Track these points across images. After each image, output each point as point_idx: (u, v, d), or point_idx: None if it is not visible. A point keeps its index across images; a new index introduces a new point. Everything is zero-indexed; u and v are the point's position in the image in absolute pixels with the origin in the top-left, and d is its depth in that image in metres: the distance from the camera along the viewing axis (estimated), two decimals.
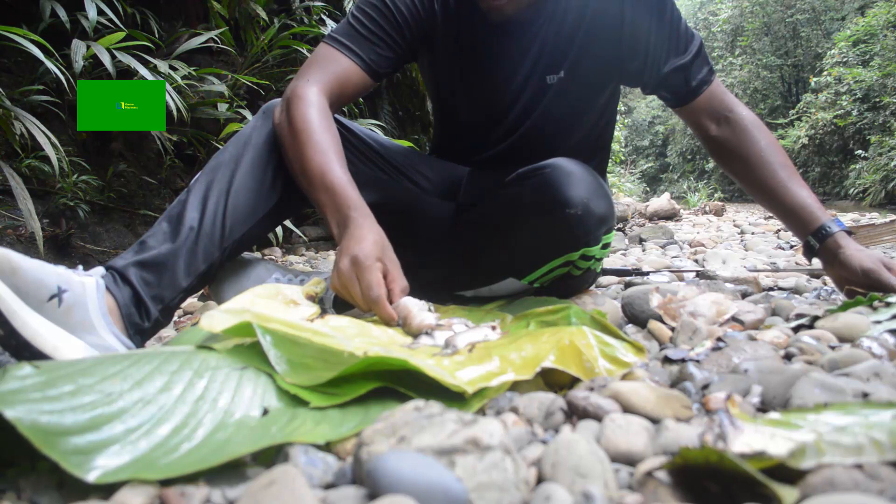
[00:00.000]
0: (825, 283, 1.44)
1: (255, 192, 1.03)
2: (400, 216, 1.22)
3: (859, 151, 11.48)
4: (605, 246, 1.10)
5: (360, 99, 2.98)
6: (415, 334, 0.86)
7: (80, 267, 0.85)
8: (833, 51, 13.38)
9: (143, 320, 0.88)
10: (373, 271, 0.87)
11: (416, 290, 1.11)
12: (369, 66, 1.10)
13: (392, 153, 1.24)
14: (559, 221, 0.94)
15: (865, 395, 0.56)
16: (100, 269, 0.87)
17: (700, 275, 1.55)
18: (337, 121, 1.18)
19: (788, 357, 0.77)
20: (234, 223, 0.99)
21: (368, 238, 0.90)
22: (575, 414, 0.61)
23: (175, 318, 1.44)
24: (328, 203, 0.95)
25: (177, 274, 0.92)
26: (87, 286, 0.81)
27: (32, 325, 0.70)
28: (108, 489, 0.46)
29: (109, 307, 0.84)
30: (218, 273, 1.08)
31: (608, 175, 2.19)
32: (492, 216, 1.03)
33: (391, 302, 0.89)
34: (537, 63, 1.13)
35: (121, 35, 1.73)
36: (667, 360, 0.76)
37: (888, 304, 0.92)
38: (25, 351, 0.68)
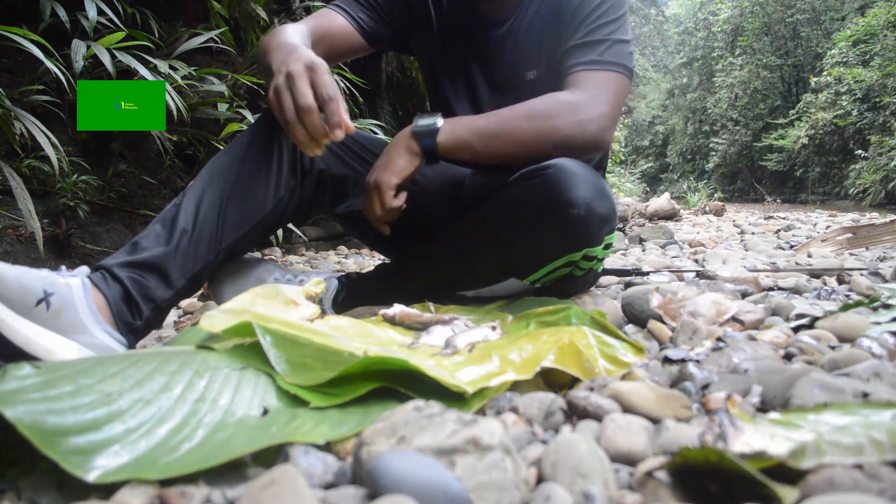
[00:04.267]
0: (825, 283, 1.44)
1: (251, 199, 1.03)
2: (401, 216, 1.21)
3: (859, 151, 11.47)
4: (608, 246, 1.10)
5: (361, 99, 2.97)
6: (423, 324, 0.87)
7: (64, 268, 0.84)
8: (833, 51, 13.35)
9: (134, 319, 0.87)
10: (331, 78, 0.86)
11: (418, 291, 1.11)
12: (359, 25, 1.16)
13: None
14: (562, 222, 0.94)
15: (865, 395, 0.56)
16: (84, 269, 0.87)
17: (700, 275, 1.54)
18: None
19: (788, 357, 0.77)
20: (228, 228, 0.99)
21: (320, 58, 0.88)
22: (575, 414, 0.61)
23: (175, 317, 1.44)
24: (276, 56, 0.93)
25: (169, 276, 0.92)
26: (73, 286, 0.80)
27: (23, 331, 0.69)
28: (108, 489, 0.46)
29: (99, 304, 0.84)
30: (217, 273, 1.08)
31: (608, 175, 2.18)
32: (494, 216, 1.03)
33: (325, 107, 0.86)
34: (516, 59, 1.14)
35: (121, 35, 1.73)
36: (667, 360, 0.76)
37: (888, 306, 0.92)
38: (19, 358, 0.68)
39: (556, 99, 1.01)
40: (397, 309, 0.95)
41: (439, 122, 1.02)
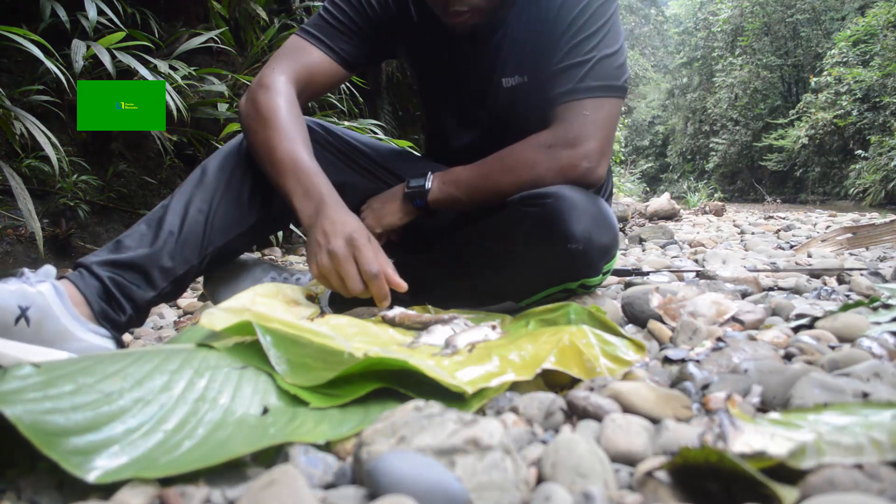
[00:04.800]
0: (825, 283, 1.44)
1: (240, 205, 1.02)
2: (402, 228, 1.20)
3: (859, 151, 11.46)
4: (606, 273, 1.10)
5: (360, 99, 2.97)
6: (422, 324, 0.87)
7: (27, 270, 0.82)
8: (833, 51, 13.34)
9: (117, 314, 0.87)
10: (369, 247, 0.87)
11: (416, 301, 1.10)
12: (340, 57, 1.09)
13: (387, 158, 1.22)
14: (560, 255, 0.92)
15: (865, 395, 0.56)
16: (50, 270, 0.85)
17: (700, 275, 1.54)
18: (326, 129, 1.16)
19: (788, 357, 0.77)
20: (215, 232, 0.98)
21: (352, 221, 0.89)
22: (575, 414, 0.61)
23: (175, 317, 1.44)
24: (296, 189, 0.93)
25: (151, 277, 0.91)
26: (47, 294, 0.79)
27: (10, 353, 0.68)
28: (108, 489, 0.46)
29: (75, 300, 0.83)
30: (214, 273, 1.08)
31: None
32: (492, 239, 1.02)
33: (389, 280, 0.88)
34: (505, 68, 1.11)
35: (121, 35, 1.73)
36: (667, 360, 0.76)
37: (888, 306, 0.92)
38: None
39: (536, 143, 0.99)
40: (397, 311, 0.95)
41: (429, 182, 1.05)
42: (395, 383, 0.64)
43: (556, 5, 1.01)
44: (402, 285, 0.87)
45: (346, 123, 2.58)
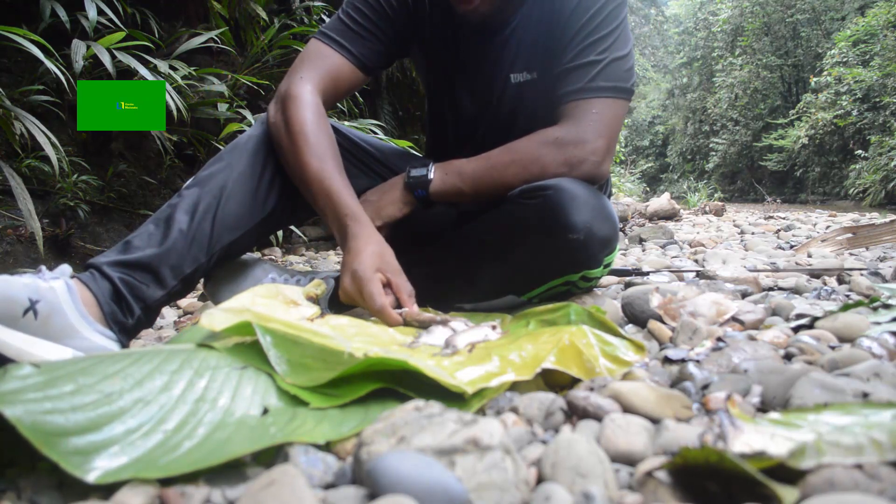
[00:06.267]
0: (825, 283, 1.44)
1: (247, 202, 1.02)
2: (401, 221, 1.20)
3: (859, 151, 11.46)
4: (607, 266, 1.10)
5: (361, 99, 2.97)
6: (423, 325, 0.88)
7: (44, 268, 0.83)
8: (833, 51, 13.33)
9: (126, 317, 0.87)
10: (373, 283, 0.90)
11: (417, 301, 1.11)
12: (360, 62, 1.10)
13: (390, 158, 1.22)
14: (561, 245, 0.93)
15: (865, 395, 0.56)
16: (66, 269, 0.86)
17: (700, 275, 1.54)
18: (333, 128, 1.17)
19: (788, 357, 0.77)
20: (222, 230, 0.98)
21: (366, 250, 0.92)
22: (575, 414, 0.61)
23: (175, 317, 1.44)
24: (327, 209, 0.97)
25: (161, 276, 0.91)
26: (58, 290, 0.79)
27: (14, 343, 0.68)
28: (108, 489, 0.46)
29: (86, 301, 0.83)
30: (214, 273, 1.08)
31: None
32: (493, 233, 1.02)
33: (404, 306, 0.92)
34: (514, 64, 1.12)
35: (121, 35, 1.73)
36: (667, 360, 0.76)
37: (888, 306, 0.92)
38: None
39: (544, 138, 1.00)
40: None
41: (431, 172, 1.05)
42: (395, 383, 0.64)
43: (572, 4, 1.02)
44: (412, 311, 0.92)
45: (347, 123, 2.58)
